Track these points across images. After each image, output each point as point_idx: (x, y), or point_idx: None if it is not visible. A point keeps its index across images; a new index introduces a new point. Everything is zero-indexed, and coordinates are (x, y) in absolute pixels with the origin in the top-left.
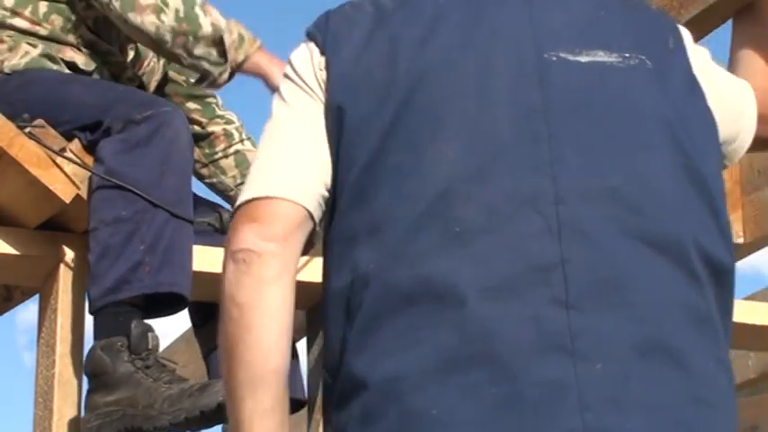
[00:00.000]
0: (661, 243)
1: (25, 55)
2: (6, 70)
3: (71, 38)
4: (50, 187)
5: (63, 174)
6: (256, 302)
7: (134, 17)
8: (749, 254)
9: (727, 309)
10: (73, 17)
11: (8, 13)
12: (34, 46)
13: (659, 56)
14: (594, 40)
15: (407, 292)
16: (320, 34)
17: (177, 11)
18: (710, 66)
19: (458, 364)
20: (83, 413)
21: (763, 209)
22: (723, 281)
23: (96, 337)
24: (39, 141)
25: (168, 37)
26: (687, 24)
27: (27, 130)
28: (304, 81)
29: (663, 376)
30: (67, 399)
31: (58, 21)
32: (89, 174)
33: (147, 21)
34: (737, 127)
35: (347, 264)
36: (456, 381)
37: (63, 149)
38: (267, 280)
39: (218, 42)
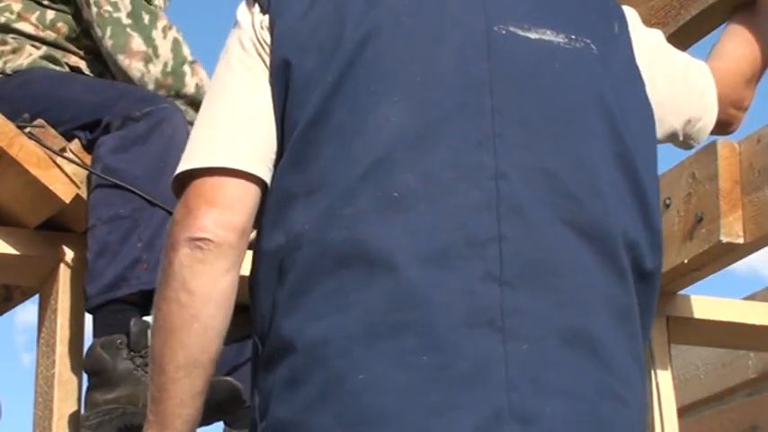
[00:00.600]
0: (592, 233)
1: (28, 56)
2: (8, 71)
3: (76, 45)
4: (50, 187)
5: (63, 174)
6: (209, 292)
7: (122, 59)
8: (749, 254)
9: (648, 307)
10: (78, 27)
11: (14, 17)
12: (38, 48)
13: (605, 41)
14: (544, 18)
15: (340, 254)
16: None
17: (166, 64)
18: (664, 47)
19: (387, 330)
20: (82, 411)
21: (763, 209)
22: (646, 277)
23: (96, 334)
24: (39, 141)
25: (151, 86)
26: (687, 24)
27: (27, 130)
28: (241, 41)
29: (582, 366)
30: (67, 399)
31: (64, 28)
32: (89, 173)
33: (135, 66)
34: (701, 105)
35: (282, 225)
36: (384, 347)
37: (63, 149)
38: (222, 271)
39: (197, 104)
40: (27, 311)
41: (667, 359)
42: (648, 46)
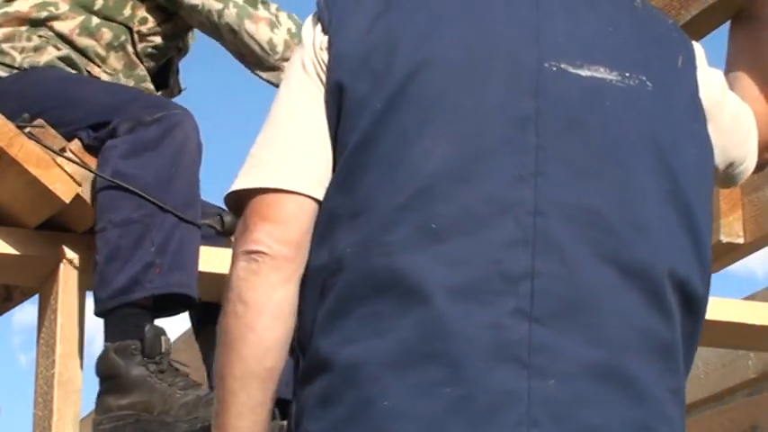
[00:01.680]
0: (634, 270)
1: (48, 55)
2: (26, 66)
3: (111, 57)
4: (50, 187)
5: (63, 174)
6: (264, 303)
7: (249, 24)
8: (749, 254)
9: (693, 336)
10: (123, 38)
11: (56, 14)
12: (59, 49)
13: (664, 76)
14: (597, 54)
15: (378, 281)
16: (327, 12)
17: (289, 29)
18: (724, 88)
19: (415, 360)
20: (94, 414)
21: (763, 209)
22: (694, 309)
23: (108, 338)
24: (39, 141)
25: (280, 48)
26: (687, 24)
27: (27, 130)
28: (303, 61)
29: (613, 401)
30: (67, 399)
31: (107, 35)
32: (91, 174)
33: (262, 30)
34: (745, 149)
35: (327, 244)
36: (412, 376)
37: (63, 149)
38: (277, 283)
39: None
40: (24, 312)
41: None
42: (715, 85)
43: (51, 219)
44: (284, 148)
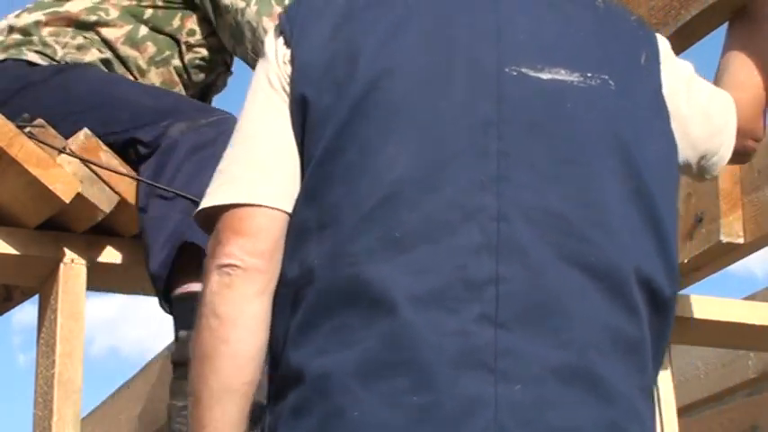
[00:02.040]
0: (599, 271)
1: (91, 56)
2: (68, 60)
3: (151, 72)
4: (50, 187)
5: (63, 173)
6: (237, 317)
7: (267, 22)
8: (749, 254)
9: (662, 335)
10: (167, 53)
11: (105, 20)
12: (102, 52)
13: (626, 73)
14: (558, 56)
15: (345, 292)
16: (288, 25)
17: None
18: (694, 81)
19: (382, 370)
20: (170, 400)
21: (763, 209)
22: (661, 307)
23: (180, 326)
24: (39, 141)
25: None
26: (687, 24)
27: (27, 129)
28: (268, 75)
29: (580, 403)
30: (67, 399)
31: (150, 50)
32: (91, 173)
33: None
34: (719, 140)
35: (298, 257)
36: (379, 386)
37: (63, 148)
38: (250, 296)
39: None
40: (24, 312)
41: (667, 359)
42: (679, 79)
43: (51, 219)
44: (252, 163)
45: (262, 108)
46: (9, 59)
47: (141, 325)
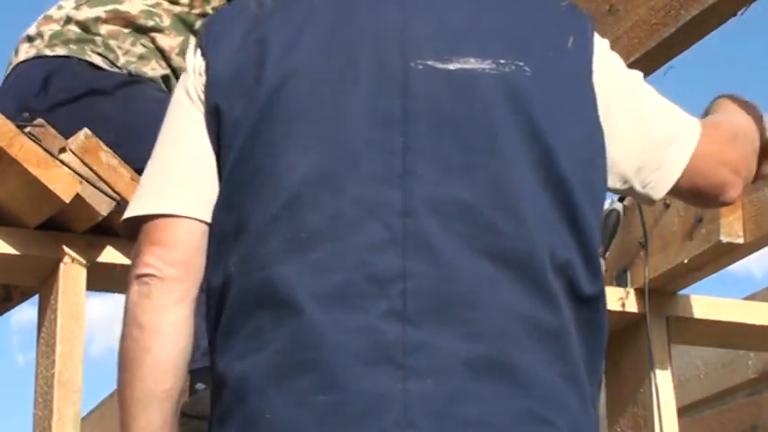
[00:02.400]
0: (511, 260)
1: (153, 69)
2: (132, 71)
3: None
4: (50, 187)
5: (63, 173)
6: (157, 325)
7: None
8: (749, 254)
9: (593, 321)
10: None
11: (159, 27)
12: (163, 68)
13: (547, 59)
14: (467, 45)
15: (257, 295)
16: (204, 36)
17: None
18: (638, 89)
19: (291, 371)
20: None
21: (763, 209)
22: (582, 293)
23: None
24: (39, 141)
25: None
26: (687, 24)
27: (27, 129)
28: (186, 87)
29: (494, 394)
30: (67, 399)
31: None
32: (91, 173)
33: None
34: (660, 155)
35: (221, 264)
36: (288, 386)
37: (63, 149)
38: (168, 304)
39: None
40: (23, 312)
41: (667, 359)
42: (615, 75)
43: (51, 219)
44: (170, 175)
45: (179, 120)
46: (73, 57)
47: None
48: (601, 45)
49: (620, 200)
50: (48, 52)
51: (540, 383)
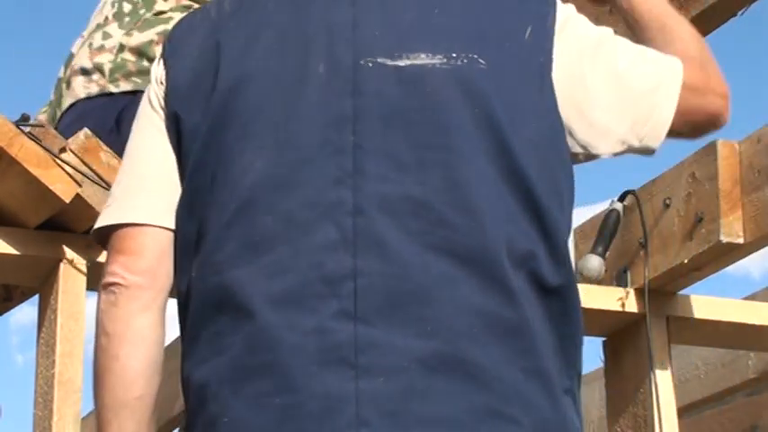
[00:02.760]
0: (465, 254)
1: None
2: None
3: None
4: (50, 187)
5: (63, 174)
6: (123, 333)
7: None
8: (749, 254)
9: (564, 313)
10: None
11: None
12: None
13: (502, 50)
14: (418, 41)
15: (214, 301)
16: (167, 44)
17: None
18: (604, 48)
19: (248, 374)
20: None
21: (763, 209)
22: (553, 292)
23: None
24: (39, 141)
25: None
26: None
27: (27, 130)
28: (149, 96)
29: (450, 390)
30: (67, 399)
31: None
32: (91, 173)
33: None
34: (647, 103)
35: (184, 271)
36: (245, 390)
37: (63, 149)
38: (135, 311)
39: None
40: (22, 312)
41: (667, 359)
42: (582, 48)
43: (51, 219)
44: (133, 184)
45: (143, 129)
46: (140, 92)
47: None
48: (563, 16)
49: (620, 200)
50: (112, 89)
51: (499, 379)
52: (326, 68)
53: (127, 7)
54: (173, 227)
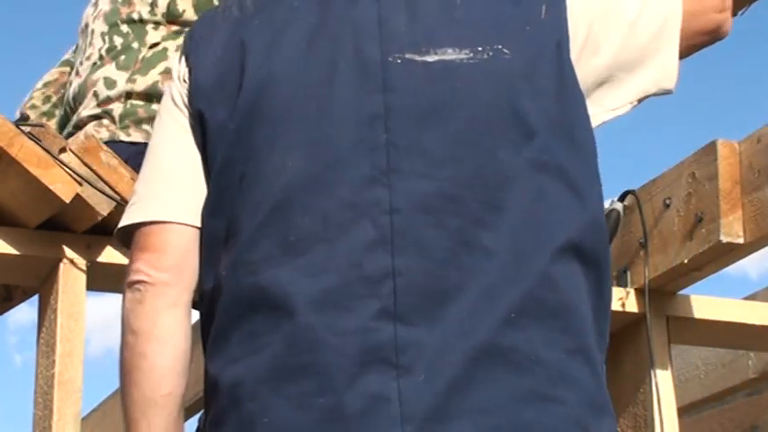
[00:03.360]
0: (501, 246)
1: None
2: None
3: None
4: (50, 187)
5: (63, 174)
6: (150, 330)
7: None
8: (749, 254)
9: (599, 283)
10: None
11: None
12: None
13: (523, 36)
14: (444, 36)
15: (248, 300)
16: (188, 42)
17: None
18: (612, 5)
19: (288, 374)
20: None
21: (763, 209)
22: (589, 260)
23: None
24: (39, 141)
25: None
26: None
27: (27, 130)
28: (171, 94)
29: (492, 379)
30: (67, 399)
31: None
32: (91, 173)
33: None
34: (657, 48)
35: (213, 268)
36: (286, 390)
37: (63, 149)
38: (160, 308)
39: None
40: (20, 312)
41: (667, 359)
42: (594, 10)
43: (51, 219)
44: (158, 181)
45: (166, 126)
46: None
47: None
48: None
49: (620, 200)
50: (123, 137)
51: (542, 362)
52: (355, 66)
53: (118, 41)
54: (197, 224)
